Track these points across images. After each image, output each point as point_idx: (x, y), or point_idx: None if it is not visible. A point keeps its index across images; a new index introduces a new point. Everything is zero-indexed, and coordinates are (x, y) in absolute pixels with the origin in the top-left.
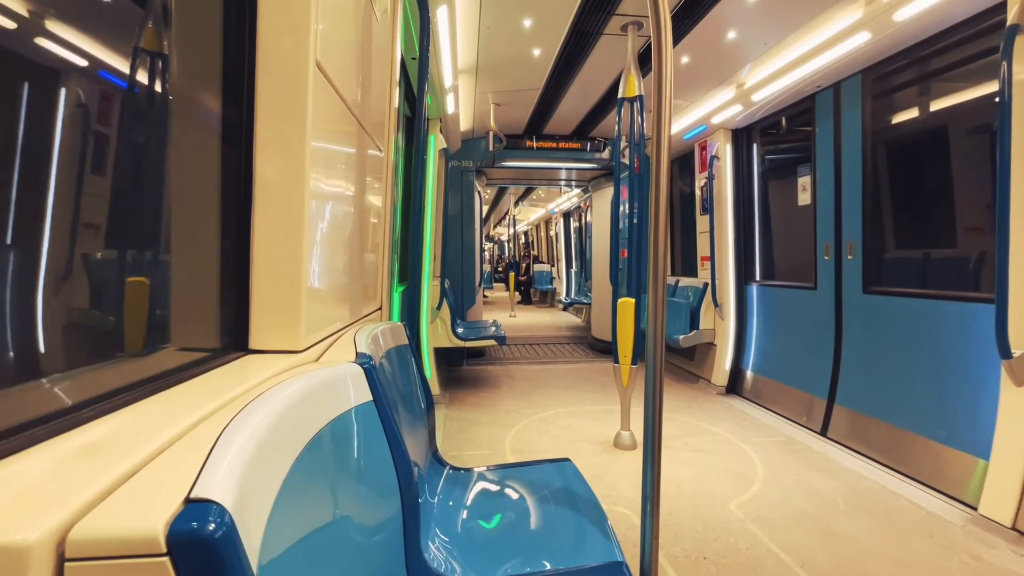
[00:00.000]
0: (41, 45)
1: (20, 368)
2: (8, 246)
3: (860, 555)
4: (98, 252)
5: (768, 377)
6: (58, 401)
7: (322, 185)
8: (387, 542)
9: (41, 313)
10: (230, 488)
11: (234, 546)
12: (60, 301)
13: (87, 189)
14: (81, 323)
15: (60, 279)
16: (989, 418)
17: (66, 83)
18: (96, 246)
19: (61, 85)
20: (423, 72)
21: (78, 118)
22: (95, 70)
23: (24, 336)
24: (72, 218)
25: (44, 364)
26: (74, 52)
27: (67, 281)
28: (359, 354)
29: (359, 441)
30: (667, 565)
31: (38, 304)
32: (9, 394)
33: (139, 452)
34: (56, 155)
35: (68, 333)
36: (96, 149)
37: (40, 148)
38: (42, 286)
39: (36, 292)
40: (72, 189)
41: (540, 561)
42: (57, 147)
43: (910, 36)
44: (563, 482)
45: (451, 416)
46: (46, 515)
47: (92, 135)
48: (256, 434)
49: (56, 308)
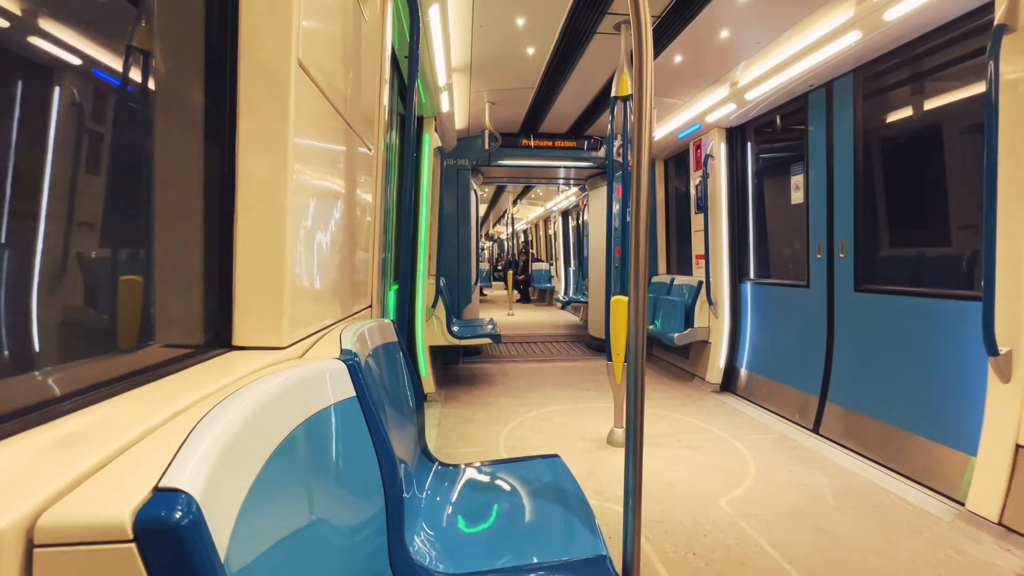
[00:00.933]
0: (22, 42)
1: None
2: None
3: (848, 551)
4: (80, 249)
5: (762, 375)
6: (36, 394)
7: (306, 182)
8: (370, 537)
9: (22, 309)
10: (199, 478)
11: (200, 534)
12: (41, 297)
13: (68, 186)
14: (62, 319)
15: (40, 276)
16: (978, 415)
17: (46, 80)
18: (78, 243)
19: (41, 82)
20: (413, 70)
21: (59, 115)
22: (76, 67)
23: (5, 331)
24: (54, 215)
25: (23, 359)
26: (57, 47)
27: (48, 277)
28: (344, 351)
29: (341, 436)
30: (656, 561)
31: (29, 299)
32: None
33: (113, 444)
34: (38, 153)
35: (49, 329)
36: (78, 146)
37: (21, 146)
38: (22, 282)
39: (20, 288)
40: (54, 186)
41: (526, 554)
42: (42, 145)
43: (900, 35)
44: (552, 478)
45: (446, 414)
46: (16, 503)
47: (73, 132)
48: (231, 427)
49: (37, 304)
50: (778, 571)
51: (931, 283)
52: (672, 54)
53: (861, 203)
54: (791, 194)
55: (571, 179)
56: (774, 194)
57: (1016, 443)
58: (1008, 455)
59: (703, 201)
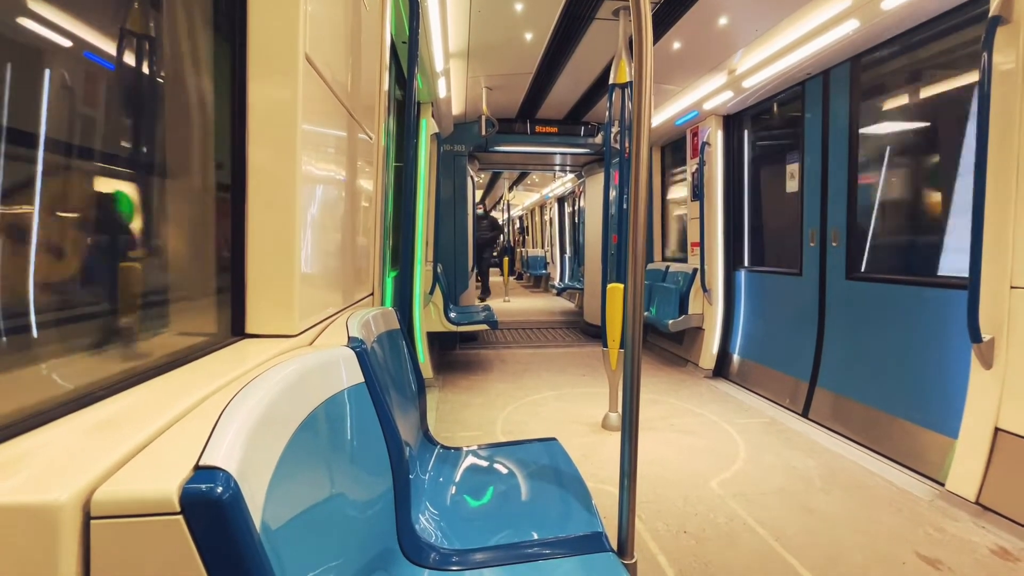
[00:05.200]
0: (27, 27)
1: (36, 351)
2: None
3: (832, 528)
4: (102, 241)
5: (754, 361)
6: (72, 381)
7: (313, 173)
8: (380, 514)
9: (40, 302)
10: (234, 457)
11: (240, 507)
12: (62, 289)
13: (87, 181)
14: (87, 311)
15: (57, 268)
16: (961, 400)
17: (52, 65)
18: (100, 235)
19: (45, 67)
20: (413, 56)
21: (71, 107)
22: (91, 54)
23: (33, 322)
24: (66, 209)
25: (56, 348)
26: (62, 35)
27: (68, 269)
28: (351, 338)
29: (352, 420)
30: (649, 539)
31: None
32: (29, 374)
33: (151, 425)
34: (44, 144)
35: (73, 320)
36: (94, 136)
37: (27, 136)
38: (34, 274)
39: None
40: (69, 179)
41: (526, 531)
42: (43, 136)
43: (898, 24)
44: (549, 460)
45: (444, 399)
46: (73, 479)
47: (89, 120)
48: (256, 410)
49: (58, 296)
50: (765, 548)
51: (923, 272)
52: (671, 40)
53: (855, 191)
54: (786, 183)
55: (567, 166)
56: (769, 182)
57: (995, 426)
58: (987, 438)
59: (699, 189)
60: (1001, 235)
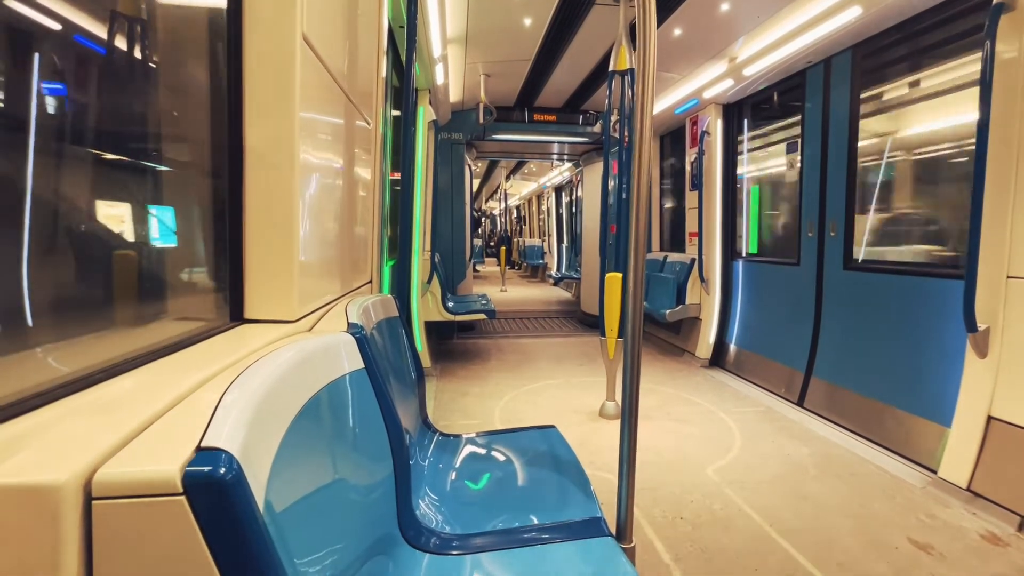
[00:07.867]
0: (22, 11)
1: (35, 334)
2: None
3: (825, 514)
4: (100, 227)
5: (750, 350)
6: (70, 363)
7: (311, 158)
8: (381, 499)
9: (56, 284)
10: (236, 439)
11: (243, 488)
12: (63, 274)
13: (84, 166)
14: (90, 295)
15: (57, 254)
16: (955, 389)
17: (41, 49)
18: (99, 221)
19: (36, 51)
20: (411, 41)
21: (69, 90)
22: (83, 38)
23: (32, 306)
24: (63, 194)
25: (53, 332)
26: (52, 19)
27: (66, 255)
28: (351, 324)
29: (353, 405)
30: (646, 525)
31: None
32: (28, 357)
33: (151, 407)
34: (35, 129)
35: (74, 304)
36: (89, 121)
37: (20, 122)
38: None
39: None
40: (65, 163)
41: (525, 516)
42: (34, 120)
43: (900, 11)
44: (548, 447)
45: (442, 388)
46: (74, 460)
47: (83, 106)
48: (258, 393)
49: (59, 281)
50: (760, 533)
51: (920, 262)
52: (672, 27)
53: (854, 182)
54: (785, 172)
55: (565, 154)
56: (769, 172)
57: (988, 415)
58: (980, 426)
59: (698, 179)
60: (999, 224)
